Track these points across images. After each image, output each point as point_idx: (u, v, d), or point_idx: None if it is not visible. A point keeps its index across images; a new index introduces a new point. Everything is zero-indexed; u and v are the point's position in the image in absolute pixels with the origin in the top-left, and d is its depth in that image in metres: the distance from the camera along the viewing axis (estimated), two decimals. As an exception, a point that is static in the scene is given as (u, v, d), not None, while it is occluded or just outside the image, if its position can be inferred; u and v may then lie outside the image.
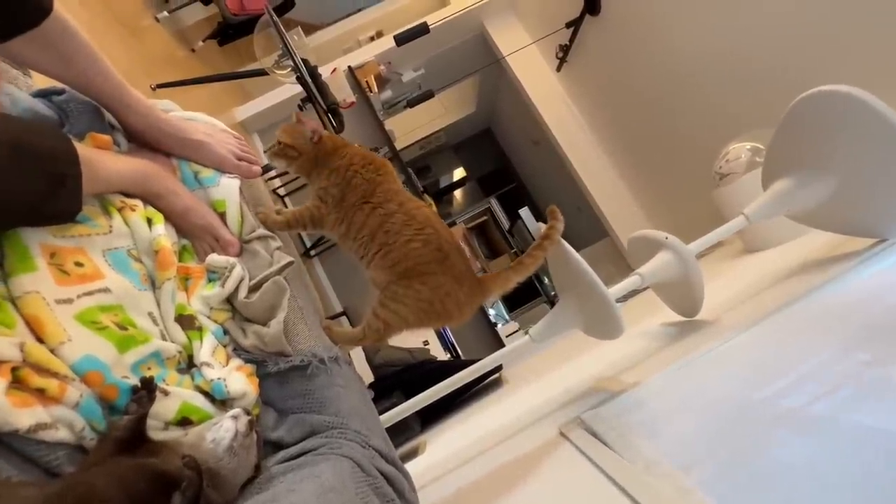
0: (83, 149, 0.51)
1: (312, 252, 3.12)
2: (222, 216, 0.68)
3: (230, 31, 3.00)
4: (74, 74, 0.56)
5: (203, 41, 3.05)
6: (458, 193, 6.18)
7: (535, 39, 3.15)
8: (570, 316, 0.96)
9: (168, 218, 0.63)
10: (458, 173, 6.23)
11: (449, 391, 1.06)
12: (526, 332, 2.68)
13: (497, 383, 1.75)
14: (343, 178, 0.79)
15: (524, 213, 3.31)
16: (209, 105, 2.90)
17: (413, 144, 5.32)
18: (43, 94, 0.62)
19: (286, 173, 2.94)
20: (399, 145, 3.86)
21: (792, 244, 1.37)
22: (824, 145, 0.94)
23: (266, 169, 1.51)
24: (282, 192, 3.28)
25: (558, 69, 3.18)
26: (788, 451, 0.55)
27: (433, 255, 0.76)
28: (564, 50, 2.91)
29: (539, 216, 3.86)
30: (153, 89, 1.95)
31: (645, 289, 1.16)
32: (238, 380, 0.54)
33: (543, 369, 1.54)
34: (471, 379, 1.06)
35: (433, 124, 5.27)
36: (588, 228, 3.69)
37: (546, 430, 0.88)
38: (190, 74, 2.36)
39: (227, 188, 0.69)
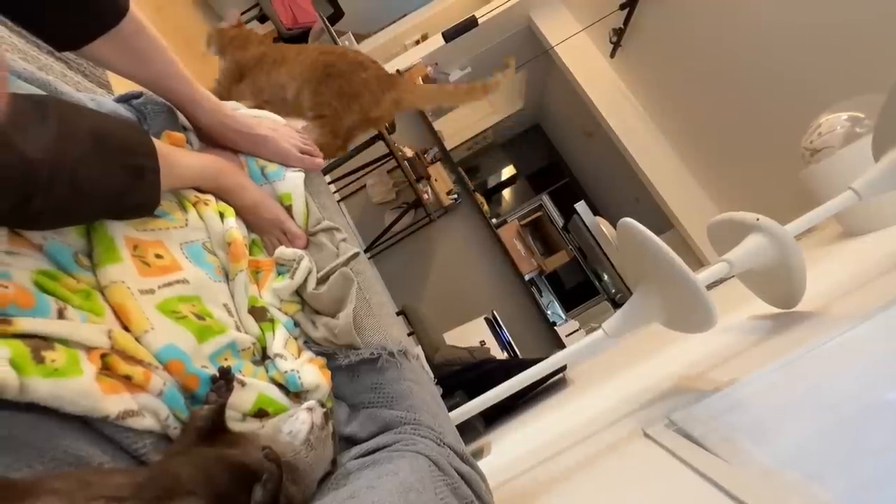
0: (160, 144, 0.52)
1: (368, 254, 3.18)
2: (288, 209, 0.68)
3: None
4: (149, 73, 0.58)
5: (260, 57, 3.20)
6: (507, 193, 6.09)
7: (585, 26, 3.03)
8: (650, 308, 0.88)
9: (238, 212, 0.64)
10: (507, 172, 6.14)
11: (516, 390, 1.01)
12: (587, 332, 2.57)
13: (561, 384, 1.67)
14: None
15: (580, 207, 3.18)
16: (268, 117, 3.03)
17: (461, 145, 5.31)
18: (123, 99, 0.65)
19: (341, 178, 3.02)
20: (447, 146, 3.86)
21: (906, 224, 1.19)
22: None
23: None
24: (336, 196, 3.37)
25: (612, 55, 3.03)
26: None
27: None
28: (619, 34, 2.77)
29: (596, 210, 3.70)
30: (218, 103, 2.05)
31: (729, 278, 1.05)
32: (311, 372, 0.53)
33: (612, 368, 1.44)
34: (540, 377, 1.00)
35: (481, 123, 5.23)
36: (650, 220, 3.49)
37: (628, 431, 0.81)
38: (250, 88, 2.47)
39: (293, 182, 0.69)
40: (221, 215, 0.60)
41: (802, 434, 0.57)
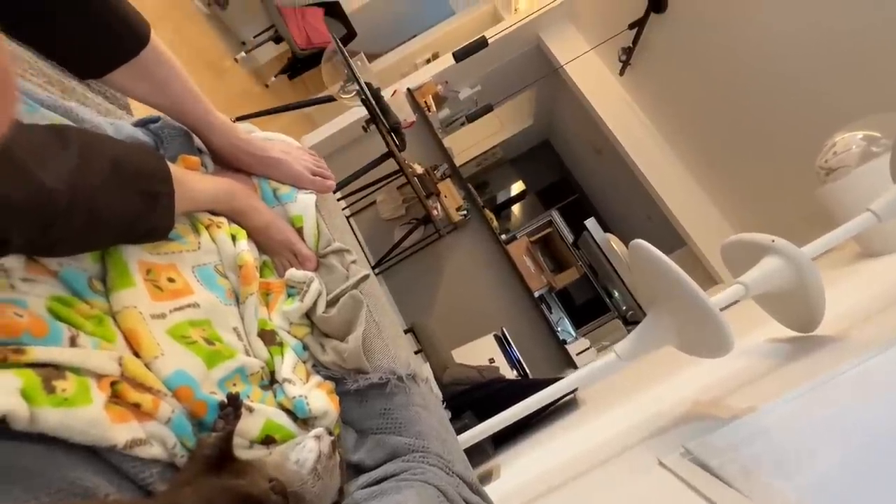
0: (175, 169, 0.52)
1: (376, 270, 3.18)
2: (299, 231, 0.68)
3: (298, 64, 3.20)
4: (166, 99, 0.59)
5: (275, 76, 3.28)
6: (516, 208, 6.09)
7: (594, 45, 3.05)
8: (663, 331, 0.87)
9: (250, 234, 0.64)
10: (517, 188, 6.15)
11: (526, 414, 0.99)
12: (598, 351, 2.52)
13: (572, 404, 1.64)
14: None
15: (590, 223, 3.16)
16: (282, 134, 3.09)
17: (470, 161, 5.34)
18: (141, 124, 0.67)
19: (351, 194, 3.05)
20: (457, 162, 3.89)
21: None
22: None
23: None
24: (346, 212, 3.39)
25: (621, 73, 3.04)
26: None
27: None
28: (628, 52, 2.79)
29: (606, 227, 3.67)
30: (233, 122, 2.10)
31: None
32: (319, 397, 0.52)
33: (625, 389, 1.41)
34: (550, 401, 0.99)
35: (490, 140, 5.27)
36: (662, 238, 3.45)
37: (642, 459, 0.79)
38: (264, 107, 2.54)
39: (304, 203, 0.69)
40: (233, 238, 0.60)
41: (826, 467, 0.54)
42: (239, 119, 2.18)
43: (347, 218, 3.42)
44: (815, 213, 1.50)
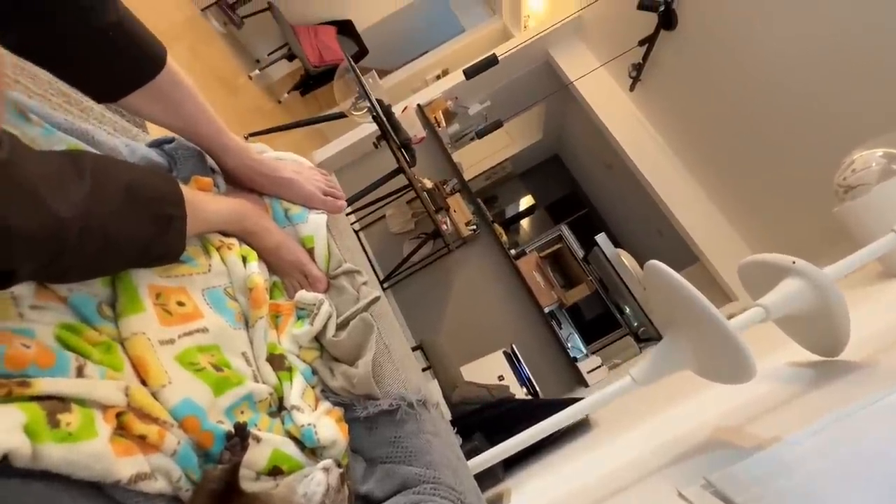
0: (188, 191, 0.52)
1: (385, 284, 3.18)
2: (310, 252, 0.68)
3: (311, 81, 3.26)
4: (180, 120, 0.60)
5: (288, 93, 3.33)
6: (525, 222, 6.08)
7: (603, 62, 3.07)
8: (680, 355, 0.84)
9: (261, 254, 0.64)
10: (526, 202, 6.15)
11: (538, 438, 0.96)
12: (609, 369, 2.46)
13: (585, 425, 1.60)
14: None
15: (601, 239, 3.13)
16: (291, 148, 3.13)
17: (479, 176, 5.36)
18: (156, 144, 0.67)
19: (361, 208, 3.06)
20: (466, 176, 3.90)
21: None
22: None
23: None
24: (356, 226, 3.41)
25: (631, 89, 3.05)
26: None
27: None
28: (638, 68, 2.79)
29: (617, 242, 3.64)
30: (246, 138, 2.13)
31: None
32: (328, 426, 0.51)
33: (640, 410, 1.37)
34: (563, 425, 0.96)
35: (499, 154, 5.29)
36: (673, 253, 3.41)
37: (660, 489, 0.76)
38: (277, 123, 2.58)
39: (315, 224, 0.69)
40: (244, 259, 0.60)
41: (861, 508, 0.51)
42: (252, 135, 2.21)
43: (357, 232, 3.43)
44: (833, 230, 1.46)
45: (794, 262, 0.86)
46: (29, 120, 0.47)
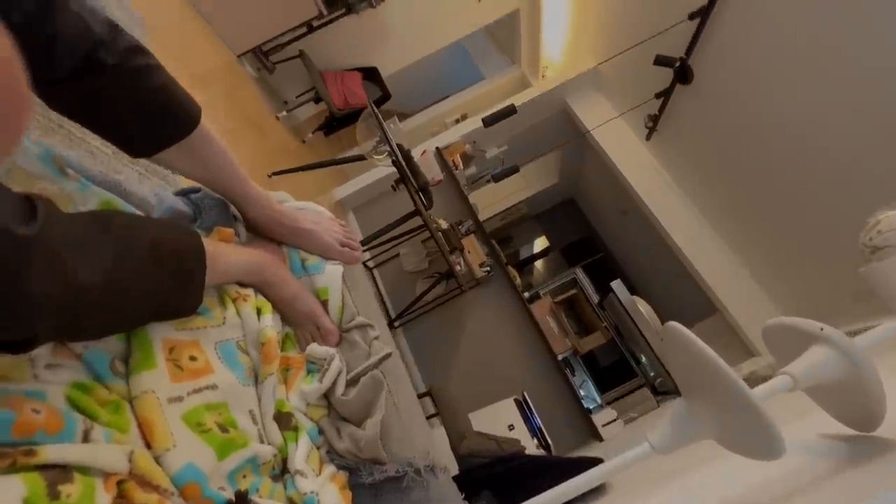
0: (209, 244, 0.53)
1: (396, 323, 3.15)
2: (325, 304, 0.68)
3: (335, 123, 3.39)
4: (208, 174, 0.62)
5: (312, 133, 3.46)
6: (539, 264, 6.05)
7: (620, 112, 3.13)
8: (702, 424, 0.80)
9: (275, 305, 0.64)
10: (540, 243, 6.15)
11: (551, 504, 0.91)
12: (626, 423, 2.35)
13: (599, 487, 1.51)
14: None
15: (616, 285, 3.08)
16: (313, 186, 3.22)
17: (495, 216, 5.40)
18: (183, 193, 0.69)
19: (375, 246, 3.09)
20: (481, 217, 3.94)
21: None
22: None
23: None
24: (370, 263, 3.43)
25: (647, 138, 3.09)
26: None
27: None
28: (654, 119, 2.84)
29: (633, 289, 3.58)
30: (269, 176, 2.20)
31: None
32: (331, 494, 0.49)
33: (657, 475, 1.29)
34: (577, 494, 0.90)
35: (515, 196, 5.35)
36: (692, 303, 3.34)
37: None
38: (301, 162, 2.67)
39: (331, 276, 0.69)
40: (259, 311, 0.60)
41: None
42: (275, 174, 2.28)
43: (371, 269, 3.45)
44: (859, 285, 1.42)
45: (822, 329, 0.83)
46: (66, 175, 0.49)
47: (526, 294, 3.09)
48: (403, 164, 1.87)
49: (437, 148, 3.41)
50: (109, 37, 0.45)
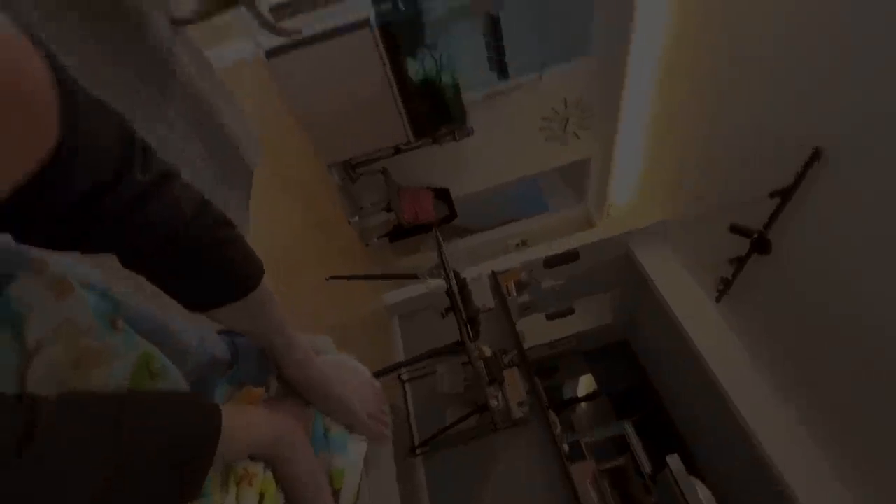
0: (227, 415, 0.48)
1: (419, 450, 2.90)
2: (336, 494, 0.59)
3: (401, 232, 3.56)
4: (255, 329, 0.60)
5: (377, 238, 3.65)
6: (584, 406, 5.55)
7: (688, 269, 3.02)
8: None
9: (282, 481, 0.57)
10: (586, 382, 5.71)
11: None
12: None
13: None
14: None
15: (672, 461, 2.67)
16: (368, 290, 3.28)
17: (543, 345, 5.16)
18: (226, 333, 0.68)
19: (412, 361, 2.99)
20: (527, 344, 3.75)
21: None
22: None
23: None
24: (405, 377, 3.30)
25: (718, 300, 2.90)
26: None
27: None
28: (726, 283, 2.69)
29: (691, 462, 3.09)
30: (327, 280, 2.27)
31: None
32: None
33: None
34: None
35: (565, 329, 5.13)
36: (759, 490, 2.80)
37: None
38: (363, 265, 2.76)
39: (352, 459, 0.62)
40: (261, 497, 0.53)
41: None
42: (333, 278, 2.35)
43: (404, 383, 3.31)
44: None
45: None
46: (115, 329, 0.49)
47: (566, 447, 2.75)
48: (457, 294, 1.85)
49: (493, 271, 3.43)
50: (201, 215, 0.47)
